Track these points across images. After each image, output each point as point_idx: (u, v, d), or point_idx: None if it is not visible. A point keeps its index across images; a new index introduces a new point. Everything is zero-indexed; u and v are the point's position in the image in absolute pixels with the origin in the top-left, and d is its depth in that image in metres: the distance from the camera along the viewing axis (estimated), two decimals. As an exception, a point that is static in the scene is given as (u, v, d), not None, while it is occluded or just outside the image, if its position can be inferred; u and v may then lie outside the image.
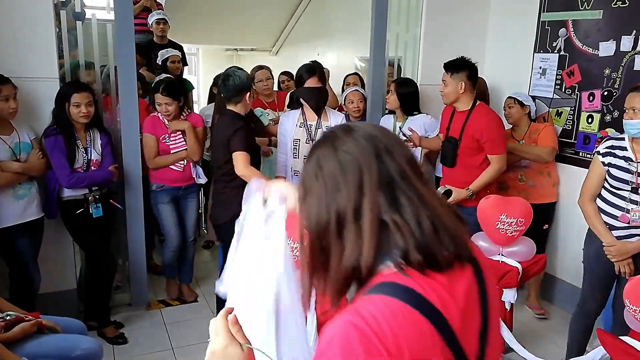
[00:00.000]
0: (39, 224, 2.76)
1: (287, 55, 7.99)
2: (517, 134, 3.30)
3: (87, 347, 2.03)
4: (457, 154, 2.95)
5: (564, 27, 3.36)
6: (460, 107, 2.92)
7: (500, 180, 3.28)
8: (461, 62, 2.87)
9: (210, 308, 3.34)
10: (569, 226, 3.35)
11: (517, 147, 3.21)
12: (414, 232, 0.82)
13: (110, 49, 3.01)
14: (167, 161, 3.17)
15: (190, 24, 6.87)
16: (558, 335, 3.09)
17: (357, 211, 0.83)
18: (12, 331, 1.90)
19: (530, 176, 3.28)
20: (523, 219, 2.68)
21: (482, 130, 2.83)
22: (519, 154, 3.21)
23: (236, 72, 2.77)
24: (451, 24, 3.77)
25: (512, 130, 3.33)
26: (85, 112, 2.69)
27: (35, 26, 2.73)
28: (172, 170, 3.19)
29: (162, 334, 3.05)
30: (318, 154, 0.89)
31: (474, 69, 2.88)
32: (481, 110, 2.89)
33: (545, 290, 3.56)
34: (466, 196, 2.92)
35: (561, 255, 3.47)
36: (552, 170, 3.31)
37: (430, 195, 0.86)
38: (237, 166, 2.62)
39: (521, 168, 3.29)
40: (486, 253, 2.80)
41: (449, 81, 2.86)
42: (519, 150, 3.20)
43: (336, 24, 6.85)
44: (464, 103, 2.90)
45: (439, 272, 0.83)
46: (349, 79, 4.09)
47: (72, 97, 2.67)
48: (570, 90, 3.35)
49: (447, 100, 2.93)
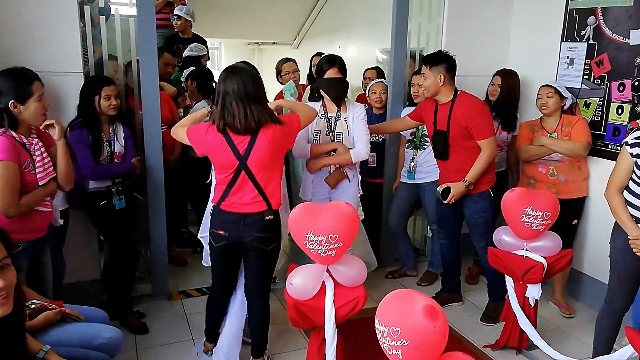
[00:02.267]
0: (64, 215, 2.81)
1: (308, 48, 7.96)
2: (549, 125, 3.18)
3: (109, 336, 2.04)
4: (449, 145, 2.96)
5: (593, 15, 3.25)
6: (442, 99, 2.95)
7: (529, 174, 3.23)
8: (439, 55, 2.95)
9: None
10: (598, 220, 3.25)
11: (551, 142, 3.10)
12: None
13: (133, 43, 3.04)
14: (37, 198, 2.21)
15: (213, 18, 6.92)
16: (584, 333, 3.01)
17: None
18: (36, 319, 1.93)
19: (562, 170, 3.16)
20: (549, 213, 2.61)
21: (468, 117, 2.85)
22: (552, 148, 3.10)
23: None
24: (475, 12, 3.70)
25: (542, 122, 3.22)
26: (115, 104, 2.75)
27: (60, 21, 2.77)
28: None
29: (183, 325, 3.08)
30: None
31: (453, 62, 2.94)
32: (464, 99, 2.92)
33: (571, 286, 3.47)
34: (464, 188, 2.90)
35: (588, 251, 3.37)
36: (582, 164, 3.21)
37: None
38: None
39: (553, 162, 3.17)
40: (510, 247, 2.75)
41: (429, 74, 2.91)
42: (552, 145, 3.09)
43: (357, 16, 6.79)
44: (445, 95, 2.94)
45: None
46: (367, 73, 4.07)
47: (103, 90, 2.71)
48: (599, 80, 3.24)
49: (428, 93, 2.97)
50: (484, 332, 3.04)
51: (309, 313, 2.21)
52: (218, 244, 2.37)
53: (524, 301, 2.74)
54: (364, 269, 2.30)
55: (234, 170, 2.25)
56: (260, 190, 2.28)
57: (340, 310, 2.20)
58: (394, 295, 1.61)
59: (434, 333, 1.49)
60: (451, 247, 3.29)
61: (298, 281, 2.21)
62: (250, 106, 2.17)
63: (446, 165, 3.05)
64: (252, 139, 2.22)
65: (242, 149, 2.22)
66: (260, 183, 2.27)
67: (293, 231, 2.20)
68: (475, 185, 2.96)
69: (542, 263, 2.64)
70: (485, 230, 3.05)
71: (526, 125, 3.29)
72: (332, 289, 2.21)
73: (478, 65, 3.63)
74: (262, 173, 2.27)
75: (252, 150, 2.22)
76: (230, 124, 2.18)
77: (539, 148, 3.14)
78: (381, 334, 1.55)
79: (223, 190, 2.30)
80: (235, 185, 2.27)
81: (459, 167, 2.95)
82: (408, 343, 1.49)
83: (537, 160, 3.19)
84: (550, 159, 3.16)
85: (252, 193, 2.28)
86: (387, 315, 1.55)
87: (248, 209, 2.29)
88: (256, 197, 2.29)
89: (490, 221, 3.05)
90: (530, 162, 3.23)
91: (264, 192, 2.29)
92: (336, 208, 2.20)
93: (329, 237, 2.09)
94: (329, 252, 2.13)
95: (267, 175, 2.28)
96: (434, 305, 1.54)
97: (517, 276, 2.70)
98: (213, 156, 2.30)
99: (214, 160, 2.33)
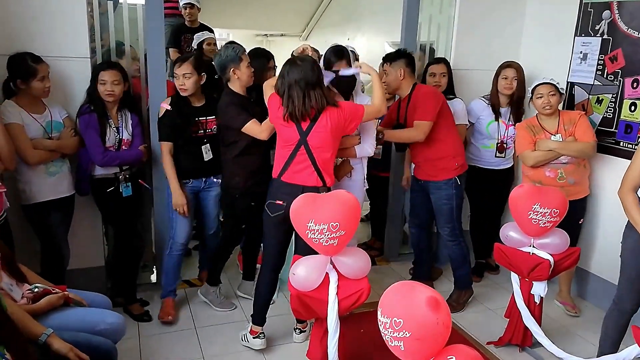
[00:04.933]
0: (70, 201, 2.82)
1: (317, 40, 7.93)
2: (549, 126, 3.04)
3: (112, 322, 2.05)
4: None
5: (608, 10, 3.19)
6: (402, 93, 3.05)
7: (535, 178, 3.08)
8: (399, 52, 3.06)
9: (234, 291, 3.36)
10: (607, 219, 3.21)
11: (561, 146, 2.95)
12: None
13: (140, 32, 3.03)
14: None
15: (221, 8, 6.89)
16: (589, 332, 2.98)
17: None
18: (39, 303, 1.94)
19: (570, 172, 3.02)
20: (558, 210, 2.56)
21: (415, 101, 2.93)
22: (563, 153, 2.96)
23: (222, 49, 2.82)
24: (487, 4, 3.65)
25: (541, 121, 3.07)
26: (109, 90, 2.70)
27: (67, 5, 2.76)
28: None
29: (185, 314, 3.09)
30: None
31: (411, 58, 3.06)
32: (420, 89, 3.01)
33: (578, 285, 3.43)
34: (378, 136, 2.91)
35: (596, 250, 3.33)
36: (586, 162, 3.13)
37: None
38: (257, 135, 2.68)
39: (561, 165, 3.01)
40: (516, 244, 2.72)
41: (390, 70, 3.01)
42: (563, 149, 2.95)
43: (367, 8, 6.74)
44: (405, 89, 3.02)
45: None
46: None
47: (100, 74, 2.70)
48: (613, 77, 3.19)
49: (390, 89, 3.05)
50: (488, 328, 3.02)
51: (312, 304, 2.20)
52: (274, 214, 2.49)
53: (529, 298, 2.71)
54: (368, 261, 2.29)
55: (295, 144, 2.44)
56: (316, 167, 2.45)
57: (344, 302, 2.19)
58: (396, 286, 1.60)
59: (437, 325, 1.48)
60: (421, 236, 3.37)
61: (301, 272, 2.20)
62: (309, 93, 2.37)
63: (416, 155, 3.13)
64: (313, 121, 2.41)
65: (304, 126, 2.42)
66: (316, 160, 2.45)
67: (295, 221, 2.20)
68: (441, 171, 3.04)
69: (549, 260, 2.61)
70: (449, 217, 3.09)
71: (524, 127, 3.10)
72: (335, 281, 2.20)
73: (488, 59, 3.57)
74: (319, 151, 2.44)
75: (312, 128, 2.41)
76: (292, 113, 2.39)
77: (546, 153, 2.97)
78: (383, 325, 1.53)
79: (283, 163, 2.49)
80: (295, 159, 2.46)
81: (429, 158, 3.05)
82: (410, 335, 1.47)
83: (544, 164, 3.03)
84: (558, 161, 3.01)
85: (309, 168, 2.46)
86: (390, 306, 1.54)
87: (306, 181, 2.46)
88: (312, 173, 2.46)
89: (455, 209, 3.08)
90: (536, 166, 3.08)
91: (320, 169, 2.46)
92: (337, 196, 2.20)
93: (330, 226, 2.08)
94: (330, 242, 2.11)
95: (323, 154, 2.45)
96: (437, 296, 1.52)
97: (523, 273, 2.67)
98: (278, 127, 2.50)
99: (278, 130, 2.53)
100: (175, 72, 2.81)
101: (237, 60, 2.74)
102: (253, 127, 2.68)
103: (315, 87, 2.40)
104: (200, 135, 2.90)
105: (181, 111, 2.83)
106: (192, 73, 2.79)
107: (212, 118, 2.91)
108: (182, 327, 2.95)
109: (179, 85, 2.82)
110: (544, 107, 3.01)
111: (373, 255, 3.76)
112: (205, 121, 2.91)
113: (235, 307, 3.17)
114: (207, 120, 2.91)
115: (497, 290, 3.54)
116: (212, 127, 2.93)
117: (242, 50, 2.81)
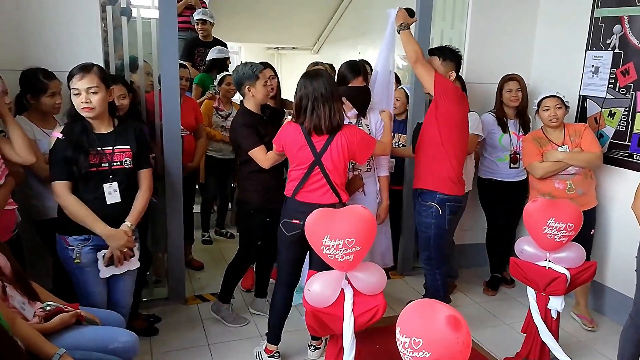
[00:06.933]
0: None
1: (328, 54, 7.95)
2: (555, 138, 3.08)
3: (125, 340, 2.02)
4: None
5: (619, 24, 3.18)
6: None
7: (544, 190, 3.08)
8: (453, 52, 2.85)
9: (247, 306, 3.34)
10: (622, 232, 3.17)
11: (568, 156, 2.99)
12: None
13: (154, 46, 3.05)
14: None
15: (233, 22, 6.94)
16: (607, 347, 2.93)
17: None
18: (52, 322, 1.90)
19: (579, 183, 3.04)
20: (573, 224, 2.53)
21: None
22: (570, 163, 2.99)
23: (240, 66, 2.82)
24: (498, 19, 3.66)
25: (546, 133, 3.10)
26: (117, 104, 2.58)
27: (81, 20, 2.78)
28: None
29: (198, 330, 3.07)
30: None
31: (460, 64, 2.94)
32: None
33: (594, 299, 3.38)
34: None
35: (612, 263, 3.29)
36: (592, 172, 3.13)
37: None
38: (260, 163, 2.71)
39: (569, 176, 3.04)
40: (532, 258, 2.69)
41: (438, 65, 2.81)
42: (570, 159, 2.99)
43: (378, 22, 6.73)
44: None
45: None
46: None
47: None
48: (625, 90, 3.17)
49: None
50: (504, 344, 2.97)
51: (328, 321, 2.18)
52: (290, 232, 2.51)
53: (546, 313, 2.67)
54: (383, 276, 2.26)
55: (309, 165, 2.45)
56: (331, 184, 2.47)
57: (360, 318, 2.16)
58: (415, 304, 1.57)
59: (457, 344, 1.45)
60: None
61: (317, 288, 2.18)
62: (334, 106, 2.40)
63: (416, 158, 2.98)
64: (330, 138, 2.43)
65: (318, 147, 2.44)
66: (331, 178, 2.46)
67: (310, 237, 2.18)
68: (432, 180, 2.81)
69: (565, 275, 2.57)
70: (426, 245, 2.92)
71: (531, 139, 3.15)
72: (351, 297, 2.18)
73: (500, 74, 3.56)
74: (334, 169, 2.46)
75: (327, 148, 2.43)
76: (317, 125, 2.40)
77: (555, 164, 3.01)
78: (402, 345, 1.50)
79: (297, 182, 2.50)
80: (309, 179, 2.47)
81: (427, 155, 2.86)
82: (430, 355, 1.44)
83: (553, 176, 3.06)
84: (566, 172, 3.03)
85: (324, 187, 2.47)
86: (409, 325, 1.51)
87: (322, 200, 2.47)
88: (328, 191, 2.48)
89: (432, 239, 2.87)
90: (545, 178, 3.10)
91: (335, 187, 2.48)
92: (352, 212, 2.18)
93: (345, 241, 2.05)
94: (346, 257, 2.08)
95: (337, 171, 2.47)
96: (456, 315, 1.50)
97: (540, 287, 2.64)
98: (290, 152, 2.52)
99: (290, 155, 2.54)
100: (75, 87, 2.16)
101: (253, 78, 2.76)
102: (258, 155, 2.71)
103: (339, 101, 2.44)
104: (103, 169, 2.22)
105: (73, 139, 2.19)
106: (98, 87, 2.17)
107: (124, 147, 2.27)
108: (195, 343, 2.93)
109: (83, 104, 2.16)
110: (551, 119, 3.04)
111: (387, 269, 3.72)
112: (112, 152, 2.24)
113: (248, 322, 3.15)
114: (114, 151, 2.25)
115: (513, 305, 3.50)
116: (123, 159, 2.27)
117: (260, 69, 2.82)
